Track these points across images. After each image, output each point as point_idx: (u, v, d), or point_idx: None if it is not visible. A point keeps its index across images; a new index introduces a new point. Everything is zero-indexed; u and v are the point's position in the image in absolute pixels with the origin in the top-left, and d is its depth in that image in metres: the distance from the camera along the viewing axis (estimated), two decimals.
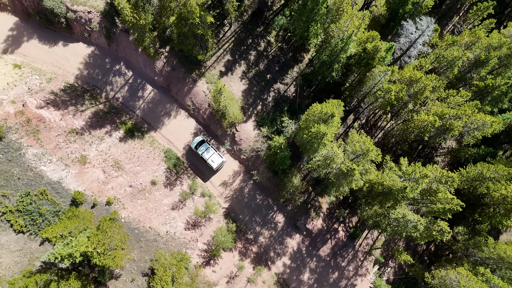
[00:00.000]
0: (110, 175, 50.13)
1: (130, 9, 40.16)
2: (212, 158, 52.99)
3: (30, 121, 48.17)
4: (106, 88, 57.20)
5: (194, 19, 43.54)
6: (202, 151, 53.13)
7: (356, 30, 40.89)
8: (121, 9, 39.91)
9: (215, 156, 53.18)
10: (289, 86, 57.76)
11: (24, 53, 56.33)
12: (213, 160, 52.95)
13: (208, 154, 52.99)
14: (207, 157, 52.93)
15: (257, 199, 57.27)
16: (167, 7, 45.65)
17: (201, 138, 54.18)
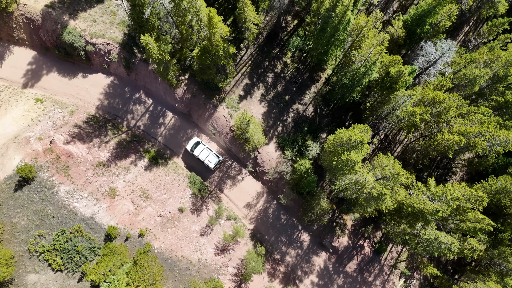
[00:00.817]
0: (139, 206, 50.83)
1: (157, 47, 40.82)
2: (208, 159, 54.34)
3: (60, 158, 48.86)
4: (127, 116, 57.84)
5: (218, 52, 44.25)
6: (198, 152, 54.43)
7: (379, 56, 41.63)
8: (148, 48, 40.57)
9: (212, 156, 54.54)
10: (308, 106, 58.49)
11: (44, 87, 56.94)
12: (210, 160, 54.31)
13: (204, 155, 54.37)
14: (204, 157, 54.20)
15: (282, 219, 58.04)
16: (189, 39, 46.31)
17: (196, 140, 55.41)
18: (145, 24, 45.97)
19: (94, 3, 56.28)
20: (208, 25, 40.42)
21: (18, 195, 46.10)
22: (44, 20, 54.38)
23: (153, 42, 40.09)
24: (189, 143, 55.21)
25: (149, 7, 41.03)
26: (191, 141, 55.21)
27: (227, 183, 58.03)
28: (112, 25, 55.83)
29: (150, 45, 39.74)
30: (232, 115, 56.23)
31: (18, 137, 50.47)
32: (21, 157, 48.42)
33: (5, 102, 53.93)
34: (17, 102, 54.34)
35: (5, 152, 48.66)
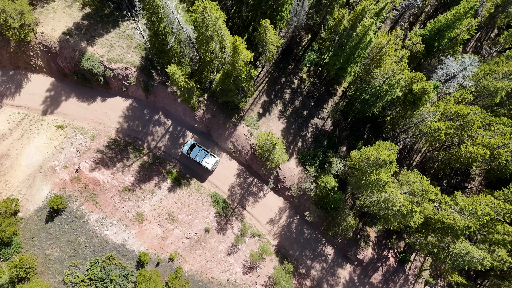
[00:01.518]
0: (166, 229, 51.24)
1: (183, 76, 41.16)
2: (205, 160, 54.56)
3: (87, 186, 49.24)
4: (147, 138, 58.18)
5: (241, 76, 44.63)
6: (195, 154, 54.64)
7: (402, 74, 42.00)
8: (175, 78, 40.90)
9: (209, 158, 54.77)
10: (326, 120, 58.89)
11: (64, 113, 57.26)
12: (207, 162, 54.56)
13: (201, 157, 54.64)
14: (201, 159, 54.49)
15: (305, 234, 58.48)
16: (210, 63, 46.66)
17: (192, 142, 55.58)
18: (167, 51, 46.31)
19: (110, 28, 56.60)
20: (232, 52, 40.77)
21: (50, 226, 46.49)
22: (62, 47, 54.68)
23: (179, 71, 40.46)
24: (184, 146, 55.52)
25: (173, 36, 41.35)
26: (186, 144, 55.48)
27: (249, 200, 58.41)
28: (129, 49, 56.16)
29: (177, 75, 40.07)
30: (252, 133, 56.63)
31: (44, 167, 50.83)
32: (49, 187, 48.79)
33: (26, 130, 54.26)
34: (39, 130, 54.68)
35: (32, 182, 49.02)
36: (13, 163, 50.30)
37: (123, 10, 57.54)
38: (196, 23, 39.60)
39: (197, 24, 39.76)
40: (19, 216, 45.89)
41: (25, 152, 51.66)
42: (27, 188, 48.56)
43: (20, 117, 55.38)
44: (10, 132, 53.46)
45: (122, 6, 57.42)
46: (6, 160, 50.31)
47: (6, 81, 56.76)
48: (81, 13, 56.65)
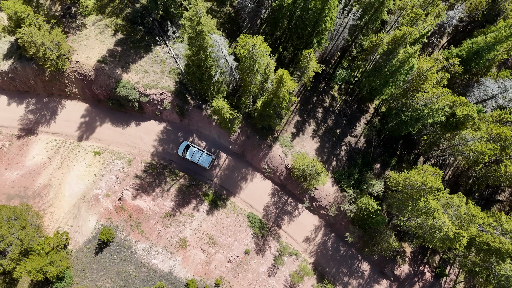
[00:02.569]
0: (209, 253, 52.01)
1: (229, 109, 41.56)
2: (202, 159, 55.19)
3: (132, 215, 49.95)
4: (182, 161, 58.68)
5: (283, 104, 45.01)
6: (191, 155, 55.17)
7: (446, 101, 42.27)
8: (222, 112, 41.28)
9: (204, 156, 55.36)
10: (359, 137, 59.25)
11: (99, 138, 57.78)
12: (203, 161, 55.23)
13: (197, 156, 55.17)
14: (197, 159, 55.05)
15: (341, 251, 59.17)
16: (250, 91, 46.97)
17: (186, 143, 56.00)
18: (207, 80, 46.65)
19: (143, 53, 56.93)
20: (278, 83, 41.08)
21: (100, 258, 47.30)
22: (98, 75, 55.08)
23: (226, 105, 40.84)
24: (179, 148, 55.81)
25: (218, 70, 41.64)
26: (181, 146, 55.74)
27: (284, 219, 59.07)
28: (163, 74, 56.51)
29: (224, 109, 40.48)
30: (286, 154, 57.10)
31: (87, 196, 51.54)
32: (95, 218, 49.55)
33: (65, 158, 54.89)
34: (77, 157, 55.29)
35: (77, 213, 49.77)
36: (57, 193, 51.01)
37: (154, 34, 57.80)
38: (241, 57, 39.87)
39: (243, 59, 40.04)
40: (69, 249, 46.70)
41: (66, 181, 52.33)
42: (73, 219, 49.33)
43: (57, 144, 55.95)
44: (50, 161, 54.10)
45: (153, 31, 57.68)
46: (50, 191, 51.02)
47: (40, 108, 57.27)
48: (113, 39, 56.95)
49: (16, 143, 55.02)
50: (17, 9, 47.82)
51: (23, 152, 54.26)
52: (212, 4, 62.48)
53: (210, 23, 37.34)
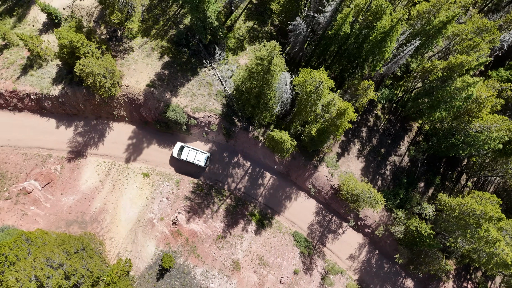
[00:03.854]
0: (261, 275, 53.16)
1: (290, 140, 42.16)
2: (197, 158, 55.40)
3: (188, 239, 51.04)
4: (227, 180, 59.59)
5: (339, 131, 45.56)
6: (186, 155, 55.46)
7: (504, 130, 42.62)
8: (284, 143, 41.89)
9: (199, 155, 55.60)
10: (403, 157, 59.74)
11: (147, 159, 58.67)
12: (199, 159, 55.48)
13: (192, 156, 55.44)
14: (192, 158, 55.40)
15: (385, 268, 60.16)
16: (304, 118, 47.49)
17: (180, 145, 56.22)
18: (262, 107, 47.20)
19: (190, 75, 57.47)
20: (339, 115, 41.56)
21: (161, 283, 48.56)
22: (147, 99, 55.75)
23: (288, 138, 41.48)
24: (173, 150, 56.04)
25: (279, 103, 42.15)
26: (175, 148, 56.00)
27: (329, 237, 60.03)
28: (210, 97, 57.08)
29: (286, 141, 41.11)
30: (332, 174, 57.76)
31: (141, 220, 52.65)
32: (154, 243, 50.71)
33: (116, 181, 55.89)
34: (127, 180, 56.28)
35: (135, 238, 50.93)
36: (113, 218, 52.14)
37: (199, 56, 58.20)
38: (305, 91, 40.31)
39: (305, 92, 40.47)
40: (131, 275, 47.93)
41: (120, 205, 53.41)
42: (131, 244, 50.52)
43: (107, 166, 56.91)
44: (102, 184, 55.14)
45: (199, 53, 58.08)
46: (106, 215, 52.16)
47: (89, 131, 58.13)
48: (160, 62, 57.49)
49: (67, 167, 56.05)
50: (72, 38, 48.44)
51: (76, 175, 55.31)
52: (254, 23, 62.69)
53: (280, 63, 37.76)
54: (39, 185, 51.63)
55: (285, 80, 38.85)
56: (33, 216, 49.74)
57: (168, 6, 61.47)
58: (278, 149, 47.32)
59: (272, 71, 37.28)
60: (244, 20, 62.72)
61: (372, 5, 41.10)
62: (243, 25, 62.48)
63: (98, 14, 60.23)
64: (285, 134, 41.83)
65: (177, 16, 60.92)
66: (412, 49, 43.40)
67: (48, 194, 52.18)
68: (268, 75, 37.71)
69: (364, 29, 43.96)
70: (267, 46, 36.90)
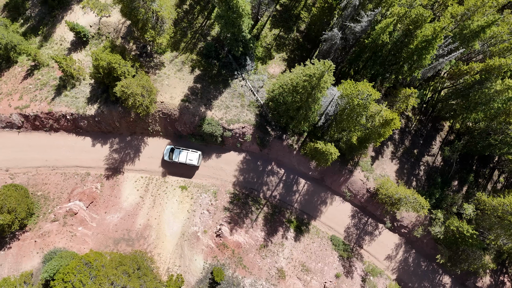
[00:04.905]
0: (305, 281, 54.22)
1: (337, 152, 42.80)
2: (189, 158, 55.02)
3: (234, 251, 52.03)
4: (262, 188, 60.35)
5: (381, 138, 46.10)
6: (177, 157, 55.06)
7: None
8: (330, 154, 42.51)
9: (191, 154, 55.24)
10: (436, 156, 60.33)
11: (182, 172, 59.34)
12: (191, 159, 55.08)
13: (184, 156, 55.07)
14: (184, 159, 55.07)
15: (422, 266, 61.15)
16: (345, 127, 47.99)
17: (170, 147, 55.95)
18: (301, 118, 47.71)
19: (222, 88, 57.92)
20: (384, 124, 42.07)
21: None
22: (182, 113, 56.29)
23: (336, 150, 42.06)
24: (164, 154, 55.77)
25: (322, 115, 42.68)
26: (165, 151, 55.75)
27: (365, 239, 60.95)
28: (243, 108, 57.57)
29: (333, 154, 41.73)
30: (368, 178, 58.46)
31: (186, 234, 53.59)
32: (201, 257, 51.72)
33: (156, 196, 56.72)
34: (166, 194, 57.09)
35: (182, 252, 51.92)
36: (158, 233, 53.08)
37: (229, 68, 58.49)
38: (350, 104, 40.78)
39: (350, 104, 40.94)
40: None
41: (164, 220, 54.32)
42: (179, 259, 51.52)
43: (145, 182, 57.69)
44: (142, 200, 55.99)
45: (230, 65, 58.41)
46: (151, 231, 53.09)
47: (124, 147, 58.79)
48: (192, 76, 57.90)
49: (106, 184, 56.85)
50: (110, 59, 48.85)
51: (116, 193, 56.14)
52: (280, 31, 62.84)
53: (330, 79, 38.18)
54: (83, 205, 52.51)
55: (332, 95, 39.31)
56: (82, 236, 50.70)
57: (194, 18, 61.65)
58: (320, 159, 47.92)
59: (321, 87, 37.75)
60: (270, 28, 62.87)
61: (412, 14, 41.33)
62: (269, 33, 62.66)
63: (125, 30, 60.50)
64: (332, 147, 42.47)
65: (204, 28, 61.14)
66: (456, 55, 43.72)
67: (92, 213, 53.07)
68: (316, 90, 38.19)
69: (402, 37, 44.22)
70: (318, 65, 37.29)
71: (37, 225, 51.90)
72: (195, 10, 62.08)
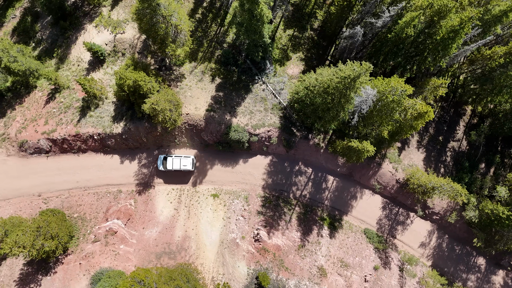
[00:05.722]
0: (346, 277, 54.99)
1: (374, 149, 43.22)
2: (183, 164, 54.80)
3: (275, 254, 52.72)
4: (291, 189, 60.91)
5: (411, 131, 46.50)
6: (171, 165, 54.73)
7: None
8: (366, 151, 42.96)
9: (184, 160, 55.05)
10: (461, 141, 60.77)
11: (212, 180, 59.92)
12: (185, 165, 54.86)
13: (177, 163, 54.85)
14: (178, 166, 54.85)
15: (456, 250, 61.92)
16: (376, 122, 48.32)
17: (163, 156, 55.80)
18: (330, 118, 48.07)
19: (244, 94, 58.23)
20: (417, 117, 42.45)
21: None
22: (208, 123, 56.68)
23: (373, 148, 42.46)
24: (158, 164, 55.50)
25: (355, 114, 43.06)
26: (158, 161, 55.55)
27: (398, 229, 61.62)
28: (267, 112, 57.94)
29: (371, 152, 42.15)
30: (397, 169, 58.97)
31: (224, 241, 54.26)
32: (244, 263, 52.44)
33: (190, 206, 57.32)
34: (199, 203, 57.68)
35: (224, 260, 52.65)
36: (198, 244, 53.75)
37: (248, 73, 58.74)
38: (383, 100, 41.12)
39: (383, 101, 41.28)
40: None
41: (201, 230, 54.96)
42: (222, 267, 52.25)
43: (177, 193, 58.24)
44: (177, 212, 56.58)
45: (250, 71, 58.65)
46: (190, 242, 53.75)
47: (152, 161, 59.25)
48: (213, 85, 58.20)
49: (139, 199, 57.42)
50: (136, 77, 49.12)
51: (150, 207, 56.73)
52: (294, 31, 62.97)
53: (366, 79, 38.47)
54: (122, 223, 53.12)
55: (368, 94, 39.66)
56: (125, 254, 51.38)
57: (208, 26, 61.77)
58: (352, 156, 48.37)
59: (356, 88, 38.09)
60: (283, 29, 62.99)
61: (435, 5, 41.49)
62: (284, 34, 62.81)
63: (141, 45, 60.70)
64: (368, 144, 42.87)
65: (218, 35, 61.28)
66: (483, 43, 43.98)
67: (131, 230, 53.72)
68: (350, 91, 38.53)
69: (425, 28, 44.42)
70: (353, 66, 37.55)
71: (78, 247, 52.58)
72: (207, 18, 62.21)
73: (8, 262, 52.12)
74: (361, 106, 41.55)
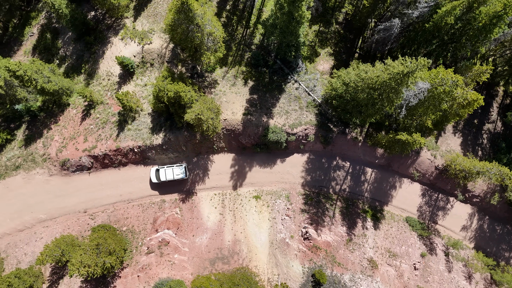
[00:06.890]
0: (396, 266, 55.81)
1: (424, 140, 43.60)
2: (175, 173, 54.78)
3: (327, 251, 53.49)
4: (331, 184, 61.49)
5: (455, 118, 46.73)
6: (164, 176, 54.52)
7: None
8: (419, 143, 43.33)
9: (176, 169, 55.12)
10: (496, 122, 61.00)
11: (252, 182, 60.52)
12: (178, 173, 54.96)
13: (170, 173, 54.75)
14: (172, 176, 54.81)
15: (497, 230, 62.59)
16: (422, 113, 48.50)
17: (155, 169, 55.13)
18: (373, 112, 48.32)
19: (277, 94, 58.44)
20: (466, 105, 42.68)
21: None
22: (245, 127, 57.04)
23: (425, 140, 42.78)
24: (151, 177, 55.07)
25: (403, 107, 43.32)
26: (151, 175, 55.00)
27: (439, 214, 62.28)
28: (302, 110, 58.22)
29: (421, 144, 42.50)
30: (435, 156, 59.37)
31: (274, 242, 55.05)
32: (297, 262, 53.31)
33: (234, 210, 58.01)
34: (243, 206, 58.35)
35: (276, 261, 53.50)
36: (249, 247, 54.55)
37: (279, 73, 58.87)
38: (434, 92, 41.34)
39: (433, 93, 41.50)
40: None
41: (249, 232, 55.72)
42: (276, 268, 53.12)
43: (220, 198, 58.91)
44: (223, 216, 57.30)
45: (282, 70, 58.76)
46: (241, 246, 54.55)
47: (192, 168, 59.79)
48: (246, 88, 58.41)
49: (184, 208, 58.11)
50: (177, 89, 49.35)
51: (196, 214, 57.44)
52: (319, 26, 62.88)
53: (419, 74, 38.63)
54: (172, 232, 53.89)
55: (419, 88, 39.89)
56: (180, 263, 52.25)
57: (234, 29, 61.74)
58: (397, 148, 48.73)
59: (410, 83, 38.31)
60: (309, 25, 62.88)
61: None
62: (310, 31, 62.71)
63: (170, 54, 60.76)
64: (419, 136, 43.18)
65: (245, 38, 61.28)
66: None
67: (182, 238, 54.52)
68: (402, 86, 38.74)
69: (463, 15, 44.40)
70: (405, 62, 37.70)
71: (133, 259, 53.47)
72: (233, 21, 62.13)
73: (66, 280, 53.10)
74: (410, 99, 41.77)
